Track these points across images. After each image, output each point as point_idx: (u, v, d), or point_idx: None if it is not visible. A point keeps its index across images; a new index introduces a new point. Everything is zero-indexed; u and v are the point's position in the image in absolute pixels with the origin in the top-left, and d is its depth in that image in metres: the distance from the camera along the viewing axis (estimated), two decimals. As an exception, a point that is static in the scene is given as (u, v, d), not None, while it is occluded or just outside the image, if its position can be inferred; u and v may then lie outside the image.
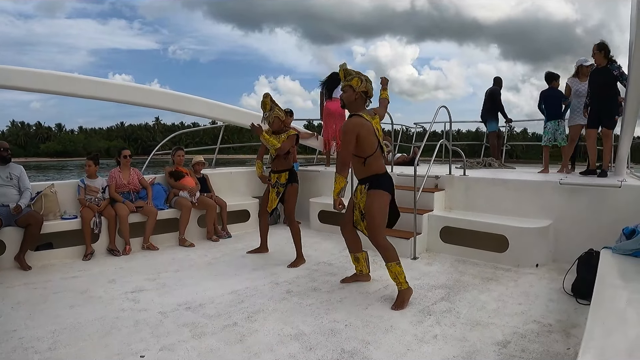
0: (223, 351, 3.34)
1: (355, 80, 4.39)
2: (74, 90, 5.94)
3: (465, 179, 6.86)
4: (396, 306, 4.21)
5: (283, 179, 5.94)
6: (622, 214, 5.10)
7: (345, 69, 4.53)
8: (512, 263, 5.57)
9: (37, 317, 3.96)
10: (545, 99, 8.01)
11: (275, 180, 5.99)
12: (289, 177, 5.96)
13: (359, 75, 4.46)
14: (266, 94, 5.97)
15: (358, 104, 4.43)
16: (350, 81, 4.39)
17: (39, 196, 6.00)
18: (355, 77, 4.42)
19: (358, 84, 4.38)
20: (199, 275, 5.29)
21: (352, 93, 4.39)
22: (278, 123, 5.90)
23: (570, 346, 3.42)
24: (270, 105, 5.89)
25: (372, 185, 4.39)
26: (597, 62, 6.66)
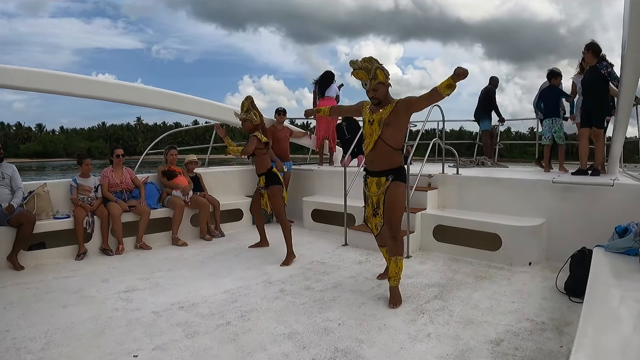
0: (216, 350, 3.33)
1: (379, 73, 4.14)
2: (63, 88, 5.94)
3: (458, 178, 6.88)
4: (395, 303, 4.23)
5: (262, 183, 6.07)
6: (614, 213, 5.12)
7: (361, 66, 4.18)
8: (505, 261, 5.58)
9: (30, 317, 3.95)
10: (543, 96, 8.02)
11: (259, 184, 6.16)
12: (267, 181, 6.01)
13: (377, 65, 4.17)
14: (248, 97, 6.09)
15: (388, 93, 4.28)
16: (376, 77, 4.14)
17: (31, 196, 5.97)
18: (378, 69, 4.15)
19: (384, 77, 4.19)
20: (192, 274, 5.28)
21: (384, 88, 4.22)
22: (249, 125, 5.98)
23: (563, 344, 3.44)
24: (247, 107, 6.01)
25: (398, 176, 4.31)
26: (587, 62, 6.69)
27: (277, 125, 8.46)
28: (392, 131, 4.23)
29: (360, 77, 4.21)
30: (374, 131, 4.27)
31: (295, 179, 8.72)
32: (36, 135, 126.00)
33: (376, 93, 4.20)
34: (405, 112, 4.25)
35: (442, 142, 7.27)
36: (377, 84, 4.16)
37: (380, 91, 4.19)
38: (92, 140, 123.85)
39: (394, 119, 4.20)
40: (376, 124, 4.26)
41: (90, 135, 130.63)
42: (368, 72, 4.15)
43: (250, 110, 5.98)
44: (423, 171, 6.64)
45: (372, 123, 4.29)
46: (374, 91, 4.20)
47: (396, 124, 4.22)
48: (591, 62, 6.58)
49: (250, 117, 5.94)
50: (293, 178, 8.66)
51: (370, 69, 4.14)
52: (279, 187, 5.99)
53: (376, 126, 4.26)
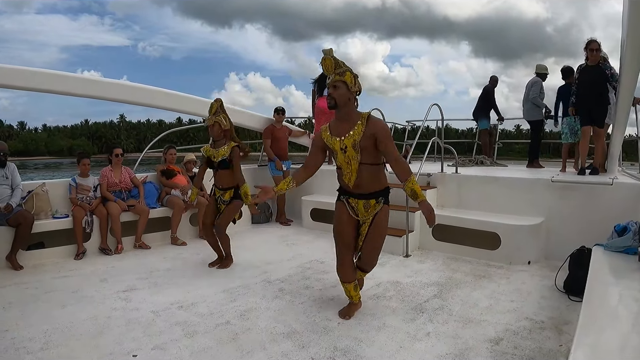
0: (215, 350, 3.33)
1: (348, 75, 3.67)
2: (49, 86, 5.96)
3: (457, 177, 6.88)
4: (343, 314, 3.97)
5: (227, 197, 5.56)
6: (613, 212, 5.13)
7: (334, 57, 3.73)
8: (504, 260, 5.58)
9: (29, 317, 3.94)
10: (561, 95, 8.03)
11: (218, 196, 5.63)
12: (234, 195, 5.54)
13: (350, 69, 3.73)
14: (217, 99, 5.64)
15: (352, 106, 3.75)
16: (343, 76, 3.66)
17: (30, 195, 5.96)
18: (348, 71, 3.69)
19: (352, 82, 3.68)
20: (191, 273, 5.27)
21: (346, 93, 3.66)
22: (217, 130, 5.45)
23: (563, 343, 3.44)
24: (216, 109, 5.51)
25: (386, 199, 3.95)
26: (592, 61, 6.64)
27: (276, 125, 8.46)
28: (371, 152, 3.71)
29: (326, 66, 3.72)
30: (351, 157, 3.73)
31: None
32: (18, 134, 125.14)
33: (335, 91, 3.66)
34: (375, 143, 3.67)
35: (441, 141, 7.27)
36: (340, 81, 3.65)
37: (340, 91, 3.65)
38: (74, 138, 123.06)
39: (369, 141, 3.67)
40: (351, 150, 3.71)
41: (72, 133, 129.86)
42: (337, 66, 3.71)
43: (219, 113, 5.48)
44: (422, 170, 6.63)
45: (346, 150, 3.74)
46: (333, 88, 3.67)
47: (372, 145, 3.69)
48: (596, 61, 6.57)
49: (219, 120, 5.43)
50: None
51: (341, 66, 3.71)
52: (241, 202, 5.59)
53: (351, 151, 3.71)
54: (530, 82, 8.85)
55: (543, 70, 8.89)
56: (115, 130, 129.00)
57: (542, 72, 8.88)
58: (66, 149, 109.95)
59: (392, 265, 5.57)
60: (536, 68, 8.97)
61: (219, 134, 5.47)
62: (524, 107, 8.98)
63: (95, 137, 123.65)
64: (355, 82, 3.71)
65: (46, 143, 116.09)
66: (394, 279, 5.01)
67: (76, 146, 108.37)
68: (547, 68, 8.95)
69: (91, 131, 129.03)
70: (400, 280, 4.96)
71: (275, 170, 8.25)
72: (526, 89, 8.90)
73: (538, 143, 9.02)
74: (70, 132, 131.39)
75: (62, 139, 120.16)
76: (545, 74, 8.88)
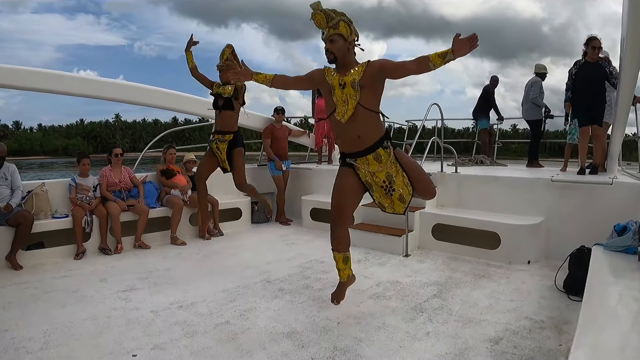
0: (215, 350, 3.33)
1: (342, 26, 3.56)
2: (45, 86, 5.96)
3: (457, 176, 6.88)
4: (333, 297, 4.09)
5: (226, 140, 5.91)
6: (613, 211, 5.13)
7: (323, 10, 3.57)
8: (504, 260, 5.58)
9: (28, 317, 3.94)
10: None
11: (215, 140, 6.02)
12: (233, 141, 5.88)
13: (343, 17, 3.60)
14: (229, 45, 5.91)
15: (351, 55, 3.70)
16: (338, 28, 3.54)
17: (29, 195, 5.96)
18: (341, 21, 3.56)
19: (348, 31, 3.59)
20: (190, 273, 5.27)
21: (344, 44, 3.61)
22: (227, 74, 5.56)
23: (563, 342, 3.44)
24: (227, 55, 5.82)
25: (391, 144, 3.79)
26: (592, 58, 6.61)
27: (276, 124, 8.46)
28: (370, 94, 3.62)
29: (318, 22, 3.58)
30: (349, 96, 3.60)
31: (293, 177, 8.72)
32: (13, 133, 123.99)
33: (332, 46, 3.58)
34: (380, 74, 3.59)
35: (440, 140, 7.27)
36: (335, 35, 3.55)
37: (337, 45, 3.57)
38: (69, 138, 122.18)
39: (369, 81, 3.58)
40: (349, 87, 3.58)
41: (68, 133, 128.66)
42: (329, 19, 3.55)
43: (231, 60, 5.73)
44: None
45: (344, 86, 3.61)
46: (330, 43, 3.58)
47: (372, 86, 3.61)
48: (594, 58, 6.55)
49: (229, 64, 5.68)
50: (292, 177, 8.66)
51: (334, 17, 3.55)
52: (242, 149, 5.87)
53: (350, 89, 3.59)
54: (530, 82, 8.86)
55: (542, 69, 8.90)
56: (110, 129, 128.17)
57: (542, 71, 8.89)
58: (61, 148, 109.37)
59: (391, 264, 5.57)
60: (535, 68, 8.98)
61: (228, 78, 5.52)
62: (523, 107, 8.99)
63: (90, 136, 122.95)
64: (352, 30, 3.61)
65: (41, 143, 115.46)
66: (394, 279, 5.00)
67: (71, 146, 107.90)
68: (546, 67, 8.96)
69: (86, 131, 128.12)
70: (399, 280, 4.96)
71: (274, 170, 8.25)
72: (526, 89, 8.91)
73: (538, 143, 9.03)
74: (66, 131, 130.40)
75: (57, 139, 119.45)
76: (544, 74, 8.90)
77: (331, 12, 3.58)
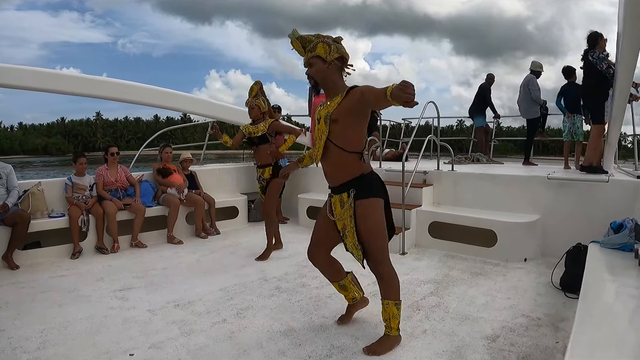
0: (212, 348, 3.33)
1: (320, 47, 3.18)
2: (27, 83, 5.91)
3: (454, 174, 6.88)
4: (370, 350, 3.27)
5: (267, 174, 5.89)
6: (609, 209, 5.15)
7: (299, 36, 3.29)
8: (500, 258, 5.59)
9: (25, 317, 3.93)
10: (564, 94, 8.03)
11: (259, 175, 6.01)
12: (272, 173, 5.88)
13: (322, 38, 3.24)
14: (257, 82, 5.94)
15: (334, 76, 3.23)
16: (315, 50, 3.18)
17: (26, 194, 5.94)
18: (319, 42, 3.19)
19: (327, 51, 3.17)
20: (187, 272, 5.27)
21: (323, 66, 3.18)
22: (256, 112, 5.80)
23: (559, 340, 3.45)
24: (256, 92, 5.83)
25: (363, 189, 3.24)
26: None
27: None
28: (344, 129, 3.13)
29: (298, 50, 3.31)
30: (322, 132, 3.21)
31: (290, 176, 8.69)
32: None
33: (311, 70, 3.23)
34: (359, 103, 3.03)
35: (437, 138, 7.28)
36: (313, 57, 3.19)
37: (315, 67, 3.20)
38: (49, 137, 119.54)
39: (345, 113, 3.09)
40: (322, 122, 3.20)
41: (48, 132, 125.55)
42: (306, 43, 3.25)
43: (259, 97, 5.82)
44: (418, 168, 6.63)
45: (319, 121, 3.23)
46: (309, 66, 3.24)
47: (348, 119, 3.10)
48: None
49: (259, 104, 5.79)
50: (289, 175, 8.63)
51: (312, 41, 3.23)
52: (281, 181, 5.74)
53: (322, 125, 3.19)
54: (526, 80, 8.85)
55: (538, 67, 8.91)
56: (91, 128, 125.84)
57: (537, 69, 8.89)
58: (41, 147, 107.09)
59: (388, 262, 5.56)
60: (531, 65, 8.99)
61: (257, 115, 5.82)
62: (520, 106, 8.98)
63: (71, 135, 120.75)
64: (331, 50, 3.17)
65: (21, 142, 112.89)
66: (391, 277, 5.00)
67: (51, 144, 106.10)
68: (542, 66, 8.97)
69: (67, 129, 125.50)
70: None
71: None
72: (521, 88, 8.90)
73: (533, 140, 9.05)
74: (47, 130, 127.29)
75: (37, 137, 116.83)
76: (539, 72, 8.90)
77: (309, 37, 3.26)
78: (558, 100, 8.22)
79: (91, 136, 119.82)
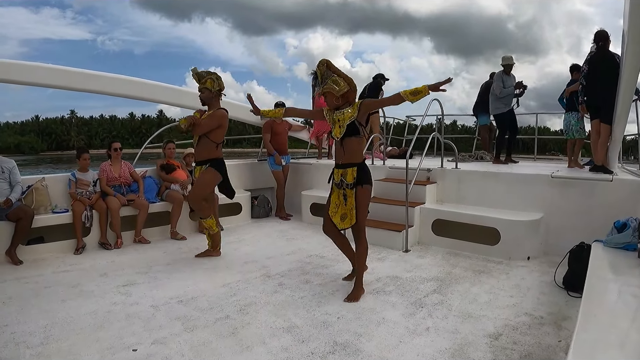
0: (215, 344, 3.33)
1: (209, 81, 5.34)
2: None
3: (457, 172, 6.88)
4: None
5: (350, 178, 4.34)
6: (613, 208, 5.14)
7: (197, 72, 5.41)
8: (503, 256, 5.59)
9: (28, 312, 3.94)
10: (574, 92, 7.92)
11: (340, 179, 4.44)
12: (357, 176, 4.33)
13: (210, 75, 5.40)
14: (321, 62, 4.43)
15: (215, 100, 5.43)
16: (205, 83, 5.34)
17: (29, 190, 5.95)
18: (208, 78, 5.34)
19: (212, 85, 5.33)
20: (190, 268, 5.28)
21: (209, 93, 5.37)
22: (331, 99, 4.38)
23: (562, 338, 3.45)
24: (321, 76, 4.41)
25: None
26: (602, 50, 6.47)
27: (276, 119, 8.44)
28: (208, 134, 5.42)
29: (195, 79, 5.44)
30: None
31: (293, 172, 8.71)
32: None
33: (201, 95, 5.41)
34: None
35: (441, 136, 7.26)
36: (203, 88, 5.38)
37: (204, 94, 5.39)
38: (22, 135, 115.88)
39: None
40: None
41: (22, 130, 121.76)
42: (201, 77, 5.40)
43: (327, 78, 4.34)
44: (422, 165, 6.63)
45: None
46: (201, 92, 5.40)
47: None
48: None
49: (330, 88, 4.29)
50: (292, 172, 8.65)
51: (204, 75, 5.39)
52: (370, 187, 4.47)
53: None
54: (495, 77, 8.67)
55: (506, 61, 8.64)
56: (66, 126, 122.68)
57: (506, 63, 8.63)
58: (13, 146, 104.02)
59: (391, 260, 5.58)
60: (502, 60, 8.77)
61: (334, 103, 4.40)
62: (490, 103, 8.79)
63: (45, 133, 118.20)
64: (214, 85, 5.38)
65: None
66: (394, 274, 5.01)
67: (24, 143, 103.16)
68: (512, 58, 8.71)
69: (41, 127, 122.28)
70: (399, 275, 4.96)
71: (274, 165, 8.24)
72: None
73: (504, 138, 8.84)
74: (20, 128, 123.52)
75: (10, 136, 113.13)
76: (509, 65, 8.62)
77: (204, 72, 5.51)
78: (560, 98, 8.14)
79: (65, 134, 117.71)
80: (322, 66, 4.38)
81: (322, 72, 4.38)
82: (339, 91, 4.26)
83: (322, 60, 4.41)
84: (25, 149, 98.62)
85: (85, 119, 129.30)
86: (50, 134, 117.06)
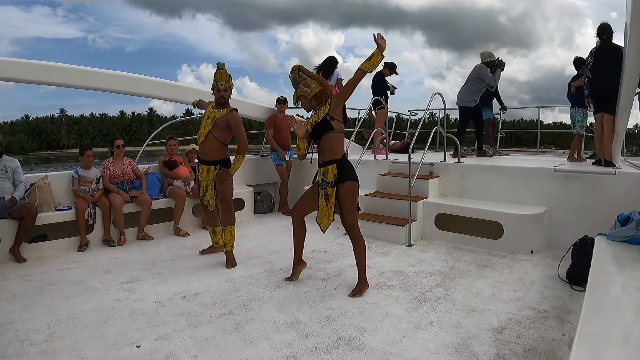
0: (219, 340, 3.34)
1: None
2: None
3: (460, 166, 6.87)
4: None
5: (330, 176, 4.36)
6: (616, 201, 5.12)
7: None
8: (507, 250, 5.58)
9: (32, 309, 3.95)
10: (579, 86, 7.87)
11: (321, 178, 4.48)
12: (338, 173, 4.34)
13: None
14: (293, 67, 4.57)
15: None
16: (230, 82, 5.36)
17: (32, 188, 5.96)
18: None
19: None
20: (194, 264, 5.29)
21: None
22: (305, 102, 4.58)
23: (566, 332, 3.44)
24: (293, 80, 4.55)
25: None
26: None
27: (278, 115, 8.44)
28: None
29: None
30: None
31: (296, 168, 8.70)
32: None
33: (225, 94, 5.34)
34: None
35: (443, 130, 7.25)
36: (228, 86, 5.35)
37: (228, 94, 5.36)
38: (12, 135, 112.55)
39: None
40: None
41: (12, 130, 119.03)
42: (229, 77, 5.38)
43: (299, 82, 4.46)
44: (425, 160, 6.62)
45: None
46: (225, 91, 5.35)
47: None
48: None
49: (302, 92, 4.45)
50: (294, 167, 8.64)
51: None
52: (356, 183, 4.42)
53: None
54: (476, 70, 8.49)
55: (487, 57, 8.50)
56: (56, 125, 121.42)
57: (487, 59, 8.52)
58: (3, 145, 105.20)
59: (394, 254, 5.58)
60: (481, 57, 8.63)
61: (307, 105, 4.57)
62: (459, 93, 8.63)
63: (35, 132, 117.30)
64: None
65: None
66: (397, 268, 5.01)
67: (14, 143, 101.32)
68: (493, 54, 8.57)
69: (31, 127, 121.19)
70: (403, 270, 4.96)
71: (277, 160, 8.25)
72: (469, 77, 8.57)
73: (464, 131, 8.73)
74: (10, 128, 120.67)
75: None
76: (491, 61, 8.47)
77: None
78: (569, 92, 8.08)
79: (55, 133, 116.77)
80: (294, 72, 4.53)
81: (294, 78, 4.53)
82: (309, 92, 4.42)
83: (294, 66, 4.58)
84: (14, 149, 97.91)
85: (76, 118, 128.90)
86: (40, 134, 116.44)
